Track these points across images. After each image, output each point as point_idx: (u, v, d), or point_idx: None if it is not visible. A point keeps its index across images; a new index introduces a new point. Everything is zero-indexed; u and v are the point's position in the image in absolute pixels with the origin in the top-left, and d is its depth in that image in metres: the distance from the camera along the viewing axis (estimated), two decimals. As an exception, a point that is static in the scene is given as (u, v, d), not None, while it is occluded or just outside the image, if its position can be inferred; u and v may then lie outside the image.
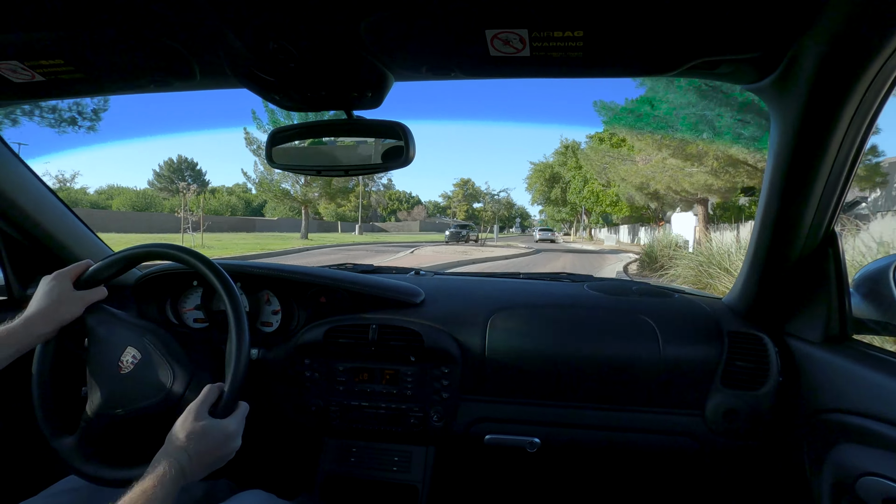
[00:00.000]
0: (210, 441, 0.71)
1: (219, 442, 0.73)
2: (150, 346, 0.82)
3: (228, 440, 0.74)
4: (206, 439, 0.71)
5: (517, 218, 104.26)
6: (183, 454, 0.68)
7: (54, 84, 0.75)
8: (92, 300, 0.83)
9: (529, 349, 1.05)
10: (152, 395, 0.79)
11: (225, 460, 0.75)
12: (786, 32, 0.58)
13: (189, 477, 0.68)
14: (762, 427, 0.95)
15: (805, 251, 0.85)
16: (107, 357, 0.81)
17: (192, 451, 0.69)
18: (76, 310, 0.81)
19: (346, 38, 0.64)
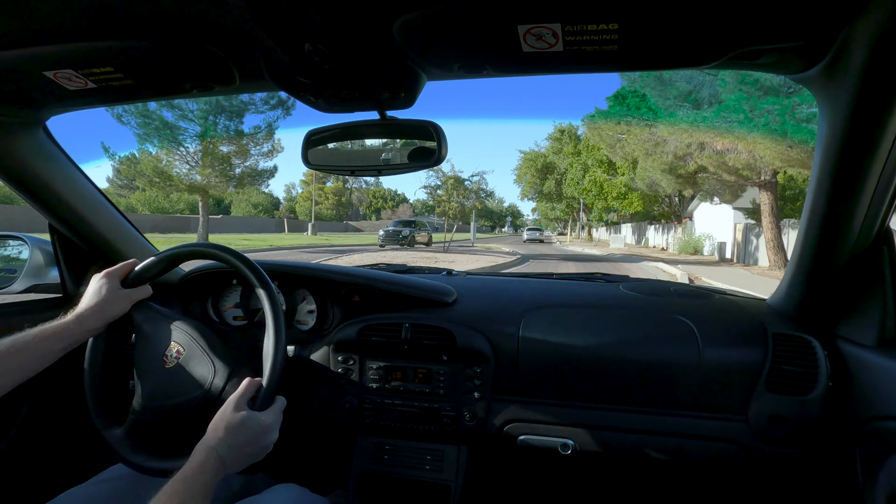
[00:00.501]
0: (248, 433, 0.73)
1: (257, 434, 0.75)
2: (193, 341, 0.85)
3: (266, 433, 0.76)
4: (244, 431, 0.73)
5: (508, 216, 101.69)
6: (223, 445, 0.70)
7: (105, 91, 0.79)
8: (138, 298, 0.87)
9: (563, 350, 1.03)
10: (194, 389, 0.82)
11: (263, 453, 0.77)
12: (835, 17, 0.55)
13: (228, 468, 0.71)
14: (811, 434, 0.91)
15: (857, 250, 0.81)
16: (152, 352, 0.84)
17: (231, 442, 0.71)
18: (123, 307, 0.85)
19: (379, 38, 0.64)
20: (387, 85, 0.78)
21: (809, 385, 0.92)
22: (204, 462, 0.67)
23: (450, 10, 0.57)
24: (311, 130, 0.91)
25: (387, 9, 0.58)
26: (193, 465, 0.66)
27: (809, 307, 0.96)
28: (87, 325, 0.81)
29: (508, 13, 0.56)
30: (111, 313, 0.83)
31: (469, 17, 0.58)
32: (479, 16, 0.58)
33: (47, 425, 1.16)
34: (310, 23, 0.60)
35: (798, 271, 0.92)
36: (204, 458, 0.67)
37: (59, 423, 1.18)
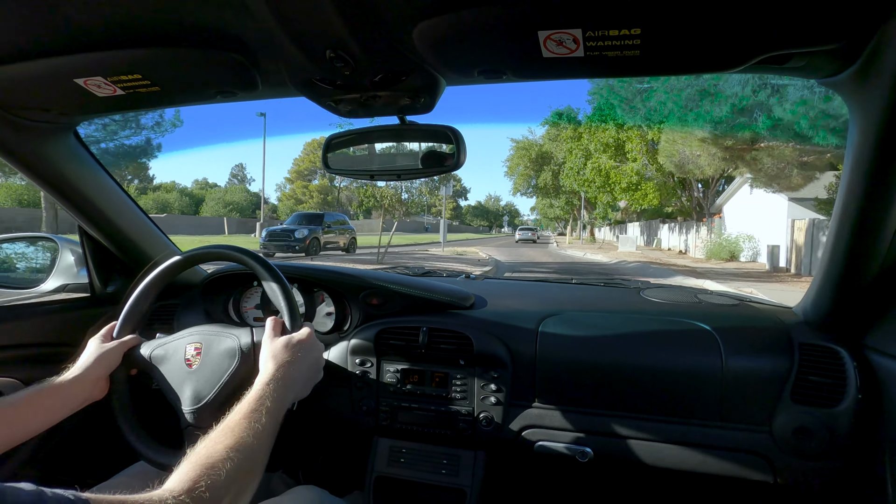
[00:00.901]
0: (295, 350, 0.77)
1: (303, 349, 0.78)
2: (205, 333, 0.87)
3: (311, 346, 0.80)
4: (290, 350, 0.76)
5: (505, 216, 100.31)
6: (278, 370, 0.72)
7: (133, 97, 0.81)
8: (128, 347, 0.87)
9: (581, 356, 1.02)
10: (228, 364, 0.83)
11: (319, 368, 0.82)
12: (867, 19, 0.54)
13: (292, 390, 0.73)
14: (839, 448, 0.88)
15: (889, 258, 0.78)
16: (173, 366, 0.85)
17: (283, 363, 0.74)
18: (112, 360, 0.85)
19: (399, 44, 0.65)
20: (407, 90, 0.78)
21: (837, 397, 0.89)
22: (261, 391, 0.68)
23: (470, 17, 0.57)
24: (332, 135, 0.92)
25: (407, 15, 0.59)
26: (251, 396, 0.67)
27: (838, 317, 0.93)
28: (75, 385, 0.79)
29: (529, 19, 0.56)
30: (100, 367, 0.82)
31: (489, 23, 0.58)
32: (499, 22, 0.58)
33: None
34: (331, 30, 0.61)
35: (827, 279, 0.89)
36: (261, 387, 0.69)
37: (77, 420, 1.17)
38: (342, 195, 66.36)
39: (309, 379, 0.79)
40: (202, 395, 0.82)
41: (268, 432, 0.63)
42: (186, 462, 0.54)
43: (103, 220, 1.16)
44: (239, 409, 0.64)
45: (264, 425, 0.63)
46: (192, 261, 0.94)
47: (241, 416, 0.63)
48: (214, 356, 0.85)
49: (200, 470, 0.52)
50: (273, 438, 0.65)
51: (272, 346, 0.77)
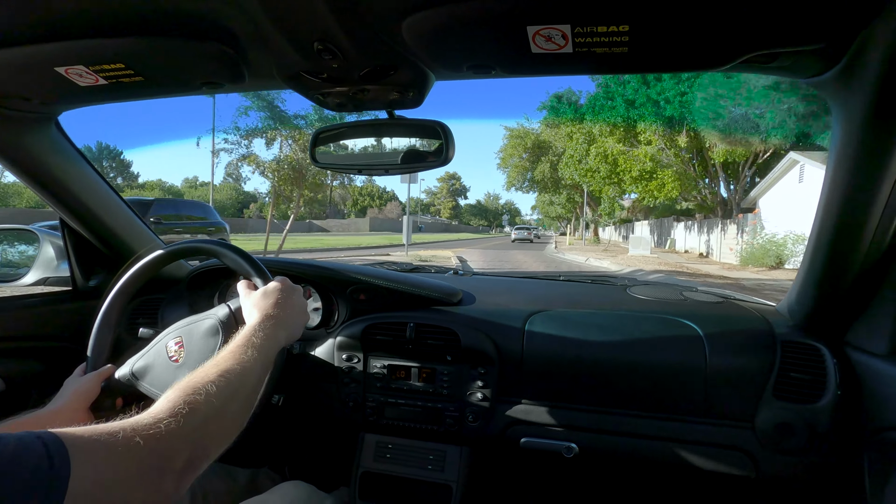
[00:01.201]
0: (274, 297, 0.76)
1: (282, 295, 0.78)
2: (179, 326, 0.85)
3: (289, 291, 0.80)
4: (270, 297, 0.76)
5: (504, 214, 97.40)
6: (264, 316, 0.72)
7: (116, 87, 0.79)
8: (105, 376, 0.84)
9: (568, 352, 1.03)
10: (214, 341, 0.81)
11: (304, 310, 0.81)
12: (851, 21, 0.55)
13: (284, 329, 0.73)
14: (819, 443, 0.90)
15: (869, 257, 0.79)
16: (159, 370, 0.82)
17: (268, 309, 0.73)
18: (91, 391, 0.81)
19: (388, 38, 0.64)
20: (395, 84, 0.78)
21: (818, 393, 0.91)
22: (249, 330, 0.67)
23: (459, 11, 0.57)
24: (320, 129, 0.91)
25: (396, 9, 0.58)
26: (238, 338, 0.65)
27: (819, 314, 0.94)
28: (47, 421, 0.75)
29: (517, 14, 0.56)
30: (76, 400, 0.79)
31: (478, 18, 0.58)
32: (487, 17, 0.57)
33: None
34: (319, 22, 0.60)
35: (808, 278, 0.91)
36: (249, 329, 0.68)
37: None
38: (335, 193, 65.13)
39: (296, 319, 0.78)
40: None
41: (256, 363, 0.63)
42: (170, 390, 0.53)
43: (85, 213, 1.14)
44: (226, 347, 0.64)
45: (252, 356, 0.62)
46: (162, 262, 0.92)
47: (227, 351, 0.62)
48: (197, 342, 0.83)
49: (181, 393, 0.51)
50: (264, 372, 0.65)
51: (251, 299, 0.77)
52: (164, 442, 0.46)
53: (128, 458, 0.42)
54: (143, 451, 0.44)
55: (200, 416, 0.50)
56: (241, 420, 0.59)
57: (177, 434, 0.47)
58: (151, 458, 0.44)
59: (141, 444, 0.44)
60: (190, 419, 0.49)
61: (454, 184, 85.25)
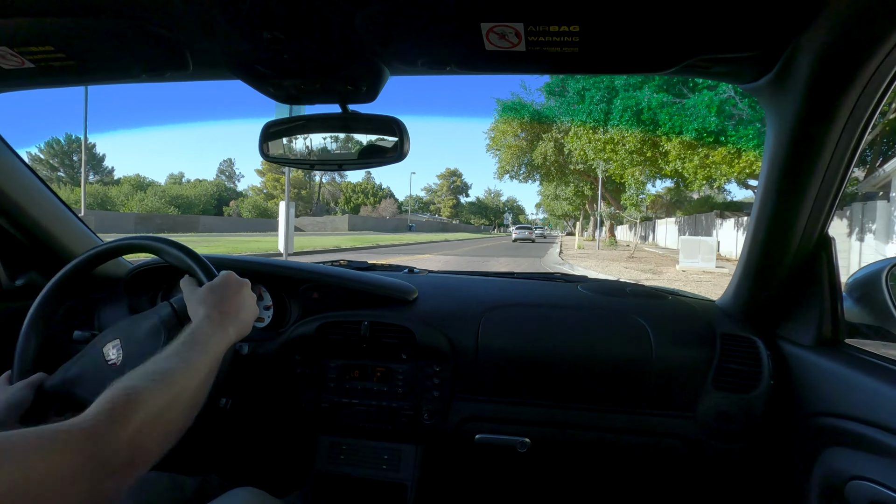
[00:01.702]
0: (221, 291, 0.73)
1: (228, 288, 0.74)
2: (118, 327, 0.80)
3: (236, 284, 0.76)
4: (217, 292, 0.72)
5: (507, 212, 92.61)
6: (211, 311, 0.68)
7: (45, 71, 0.74)
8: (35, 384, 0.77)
9: (521, 348, 1.04)
10: (156, 341, 0.77)
11: (251, 303, 0.77)
12: (782, 31, 0.58)
13: (232, 324, 0.69)
14: (753, 430, 0.95)
15: (798, 254, 0.85)
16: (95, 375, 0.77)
17: (214, 303, 0.70)
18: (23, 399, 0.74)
19: (341, 30, 0.63)
20: (349, 78, 0.76)
21: (753, 383, 0.96)
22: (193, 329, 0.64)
23: (413, 6, 0.57)
24: (270, 122, 0.88)
25: (350, 0, 0.57)
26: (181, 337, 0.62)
27: (754, 308, 1.00)
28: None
29: (471, 10, 0.56)
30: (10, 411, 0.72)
31: (432, 13, 0.58)
32: (441, 13, 0.57)
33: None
34: (269, 9, 0.58)
35: (745, 274, 0.96)
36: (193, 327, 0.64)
37: None
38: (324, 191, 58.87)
39: (245, 314, 0.74)
40: None
41: (201, 363, 0.60)
42: (108, 389, 0.50)
43: (12, 208, 1.05)
44: (170, 345, 0.61)
45: (197, 355, 0.60)
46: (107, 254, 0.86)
47: (171, 349, 0.59)
48: (138, 343, 0.78)
49: (120, 392, 0.48)
50: (209, 373, 0.62)
51: (196, 295, 0.73)
52: (101, 443, 0.43)
53: (60, 459, 0.40)
54: (78, 452, 0.41)
55: (141, 415, 0.48)
56: (186, 421, 0.56)
57: (114, 435, 0.45)
58: (86, 460, 0.42)
59: (74, 444, 0.41)
60: (129, 419, 0.46)
61: (455, 181, 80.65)
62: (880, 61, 0.57)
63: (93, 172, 44.47)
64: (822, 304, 0.85)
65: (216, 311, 0.69)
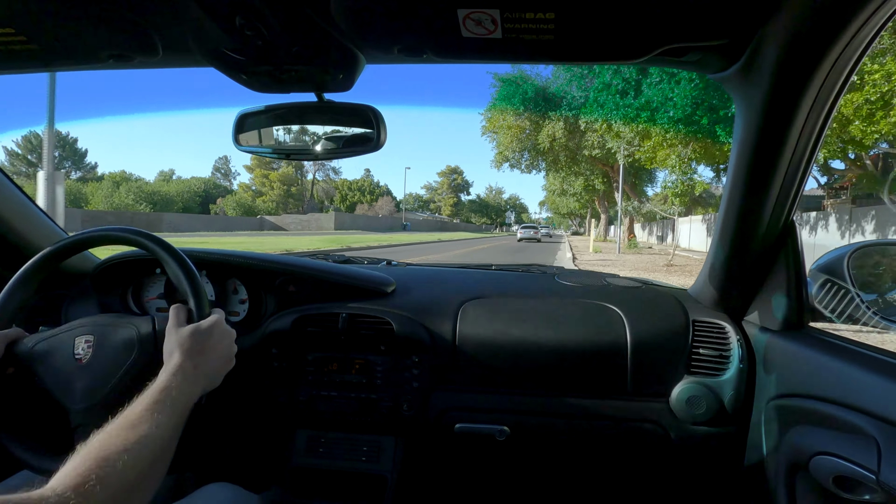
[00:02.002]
0: (203, 339, 0.70)
1: (212, 337, 0.72)
2: (96, 324, 0.79)
3: (222, 333, 0.74)
4: (198, 339, 0.69)
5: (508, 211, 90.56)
6: (185, 362, 0.65)
7: (4, 55, 0.71)
8: (9, 339, 0.76)
9: (499, 339, 1.05)
10: (126, 356, 0.76)
11: (230, 356, 0.75)
12: (749, 21, 0.60)
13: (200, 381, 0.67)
14: (725, 412, 0.98)
15: (766, 241, 0.88)
16: (60, 362, 0.76)
17: (190, 354, 0.67)
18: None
19: (316, 16, 0.63)
20: (324, 66, 0.75)
21: (723, 367, 0.99)
22: (164, 382, 0.61)
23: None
24: (243, 111, 0.87)
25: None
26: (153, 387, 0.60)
27: (724, 295, 1.03)
28: None
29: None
30: None
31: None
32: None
33: None
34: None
35: (715, 261, 0.99)
36: (165, 378, 0.62)
37: None
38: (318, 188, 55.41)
39: (220, 368, 0.73)
40: (95, 392, 0.74)
41: (172, 425, 0.58)
42: (77, 455, 0.47)
43: None
44: (140, 401, 0.58)
45: (169, 417, 0.57)
46: (80, 245, 0.83)
47: (142, 408, 0.57)
48: (109, 349, 0.76)
49: (91, 463, 0.46)
50: (179, 432, 0.60)
51: (178, 335, 0.70)
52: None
53: None
54: None
55: (111, 490, 0.46)
56: (156, 483, 0.55)
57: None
58: None
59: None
60: (99, 496, 0.44)
61: (455, 178, 78.22)
62: (841, 50, 0.59)
63: (75, 168, 42.68)
64: (788, 290, 0.88)
65: (191, 362, 0.67)
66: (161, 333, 0.75)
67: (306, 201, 57.04)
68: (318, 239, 20.52)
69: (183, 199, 46.91)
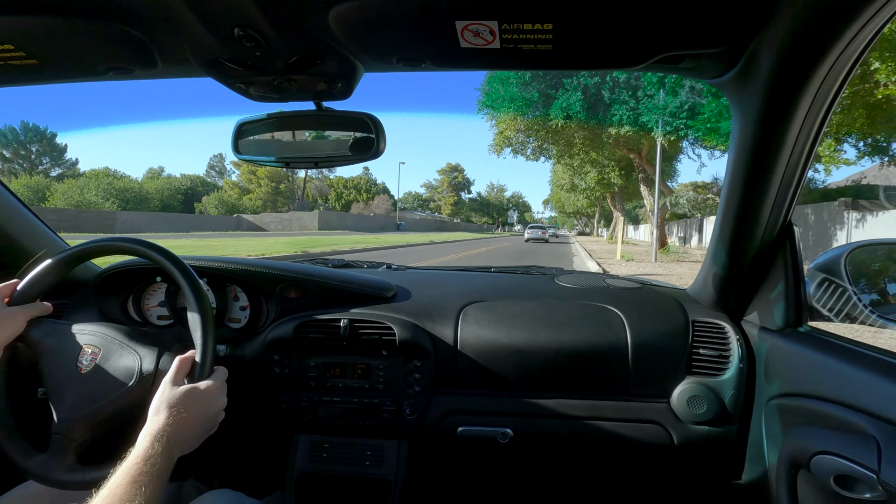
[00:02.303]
0: (193, 404, 0.70)
1: (203, 403, 0.71)
2: (107, 338, 0.80)
3: (214, 399, 0.73)
4: (189, 403, 0.69)
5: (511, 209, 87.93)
6: (168, 426, 0.66)
7: (4, 70, 0.72)
8: (33, 315, 0.80)
9: (501, 341, 1.06)
10: (122, 383, 0.76)
11: (215, 422, 0.75)
12: (746, 28, 0.60)
13: (180, 447, 0.67)
14: (726, 412, 0.99)
15: (764, 242, 0.88)
16: (62, 364, 0.78)
17: (176, 420, 0.67)
18: (15, 328, 0.77)
19: (314, 26, 0.63)
20: (323, 75, 0.76)
21: (723, 367, 1.00)
22: (148, 449, 0.62)
23: (388, 3, 0.57)
24: (242, 120, 0.88)
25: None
26: (137, 455, 0.61)
27: (724, 295, 1.04)
28: None
29: (446, 8, 0.57)
30: (3, 334, 0.75)
31: (407, 10, 0.58)
32: (417, 10, 0.58)
33: None
34: (239, 5, 0.57)
35: (714, 262, 0.99)
36: (149, 444, 0.62)
37: None
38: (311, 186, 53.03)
39: (201, 434, 0.72)
40: (83, 406, 0.75)
41: (155, 496, 0.59)
42: None
43: None
44: (125, 471, 0.59)
45: (154, 490, 0.58)
46: (99, 251, 0.85)
47: (128, 480, 0.57)
48: (110, 369, 0.77)
49: None
50: (159, 497, 0.60)
51: (171, 392, 0.70)
52: None
53: None
54: None
55: None
56: None
57: None
58: None
59: None
60: None
61: (456, 177, 76.11)
62: (837, 56, 0.60)
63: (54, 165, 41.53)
64: (787, 290, 0.89)
65: (174, 428, 0.66)
66: (161, 373, 0.76)
67: (297, 199, 55.35)
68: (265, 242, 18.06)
69: (163, 196, 44.11)
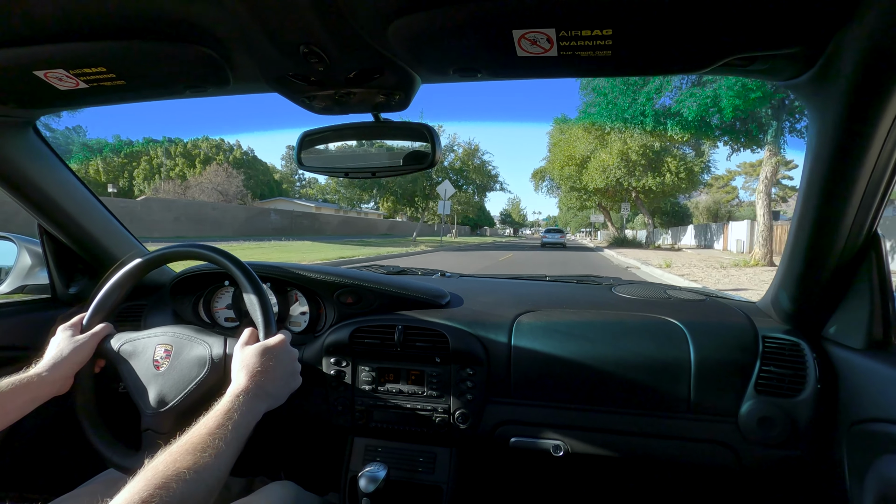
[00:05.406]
0: (267, 357, 0.75)
1: (276, 355, 0.76)
2: (177, 335, 0.86)
3: (286, 352, 0.78)
4: (263, 358, 0.74)
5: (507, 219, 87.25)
6: (248, 381, 0.70)
7: (97, 91, 0.78)
8: (100, 337, 0.87)
9: (555, 352, 1.04)
10: (197, 371, 0.83)
11: (295, 374, 0.80)
12: (825, 26, 0.56)
13: (265, 400, 0.71)
14: (800, 436, 0.92)
15: (846, 253, 0.82)
16: (140, 367, 0.84)
17: (254, 373, 0.71)
18: (86, 352, 0.84)
19: (374, 41, 0.65)
20: (381, 87, 0.78)
21: (798, 387, 0.93)
22: (227, 404, 0.66)
23: (445, 15, 0.57)
24: (306, 132, 0.91)
25: (382, 12, 0.58)
26: (217, 410, 0.65)
27: (799, 310, 0.97)
28: (49, 379, 0.79)
29: (503, 19, 0.56)
30: (73, 361, 0.82)
31: (464, 21, 0.58)
32: (474, 21, 0.58)
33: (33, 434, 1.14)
34: (305, 25, 0.60)
35: (788, 274, 0.93)
36: (229, 400, 0.67)
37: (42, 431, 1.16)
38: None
39: (283, 387, 0.77)
40: (166, 399, 0.81)
41: (231, 448, 0.62)
42: (140, 478, 0.52)
43: (65, 219, 1.12)
44: (205, 422, 0.62)
45: (229, 442, 0.61)
46: (163, 259, 0.92)
47: (206, 431, 0.60)
48: (184, 362, 0.84)
49: (152, 490, 0.50)
50: (238, 451, 0.64)
51: (243, 355, 0.75)
52: None
53: None
54: None
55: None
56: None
57: None
58: None
59: None
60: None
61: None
62: None
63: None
64: (872, 305, 0.82)
65: (254, 382, 0.71)
66: (230, 355, 0.81)
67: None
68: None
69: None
